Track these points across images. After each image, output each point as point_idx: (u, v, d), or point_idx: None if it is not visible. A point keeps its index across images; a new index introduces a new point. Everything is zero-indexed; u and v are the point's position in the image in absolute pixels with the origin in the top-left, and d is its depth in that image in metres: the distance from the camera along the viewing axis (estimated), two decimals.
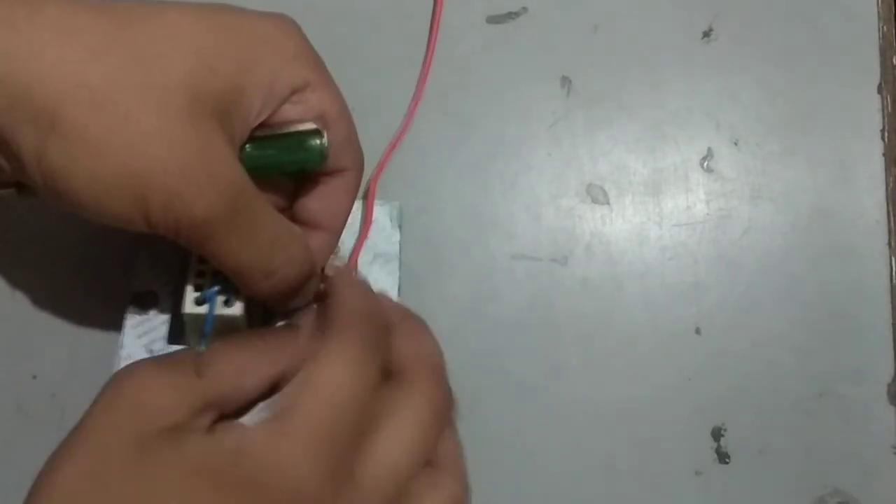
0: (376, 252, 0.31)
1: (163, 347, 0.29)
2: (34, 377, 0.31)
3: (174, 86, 0.23)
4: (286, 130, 0.27)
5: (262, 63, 0.25)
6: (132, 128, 0.22)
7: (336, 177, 0.29)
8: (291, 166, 0.27)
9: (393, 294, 0.31)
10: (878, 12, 0.38)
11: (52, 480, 0.21)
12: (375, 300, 0.27)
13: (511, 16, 0.37)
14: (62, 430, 0.30)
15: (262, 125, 0.26)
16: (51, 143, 0.22)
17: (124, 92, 0.22)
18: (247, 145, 0.26)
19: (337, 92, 0.28)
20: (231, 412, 0.26)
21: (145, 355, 0.29)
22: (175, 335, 0.30)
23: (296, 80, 0.26)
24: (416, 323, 0.28)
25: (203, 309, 0.27)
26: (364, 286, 0.28)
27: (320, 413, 0.22)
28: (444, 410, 0.26)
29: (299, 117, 0.27)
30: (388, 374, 0.26)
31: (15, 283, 0.32)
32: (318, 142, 0.27)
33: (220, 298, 0.27)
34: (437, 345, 0.27)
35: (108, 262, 0.32)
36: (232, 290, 0.27)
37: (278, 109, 0.26)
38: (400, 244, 0.32)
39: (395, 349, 0.26)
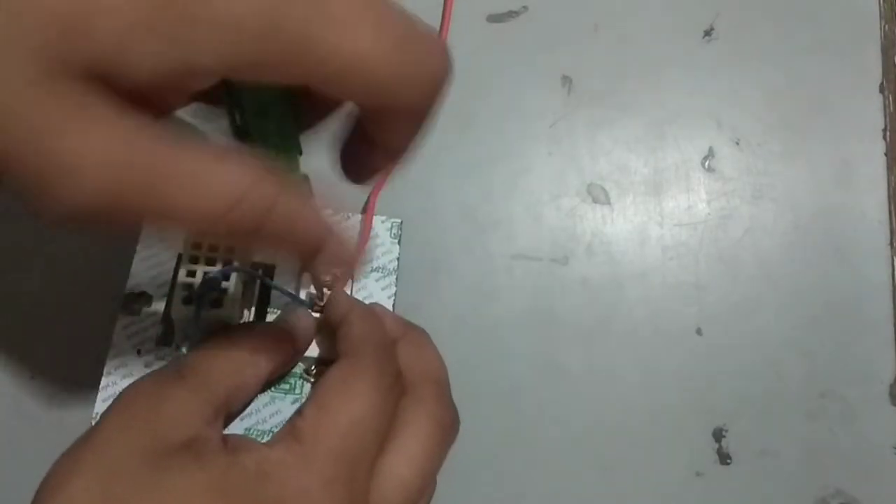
0: (374, 265, 0.31)
1: (151, 349, 0.29)
2: (32, 378, 0.31)
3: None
4: None
5: None
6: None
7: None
8: None
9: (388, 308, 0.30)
10: (880, 11, 0.38)
11: (60, 495, 0.21)
12: (381, 321, 0.27)
13: (511, 14, 0.37)
14: (60, 431, 0.31)
15: None
16: None
17: None
18: None
19: None
20: (237, 412, 0.27)
21: (135, 356, 0.29)
22: (165, 337, 0.29)
23: None
24: (418, 335, 0.28)
25: (191, 309, 0.27)
26: (367, 306, 0.28)
27: (343, 442, 0.23)
28: (451, 428, 0.26)
29: None
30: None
31: (13, 283, 0.32)
32: None
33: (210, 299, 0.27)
34: (439, 357, 0.27)
35: (107, 262, 0.32)
36: (221, 291, 0.27)
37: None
38: (399, 260, 0.31)
39: (401, 364, 0.26)
